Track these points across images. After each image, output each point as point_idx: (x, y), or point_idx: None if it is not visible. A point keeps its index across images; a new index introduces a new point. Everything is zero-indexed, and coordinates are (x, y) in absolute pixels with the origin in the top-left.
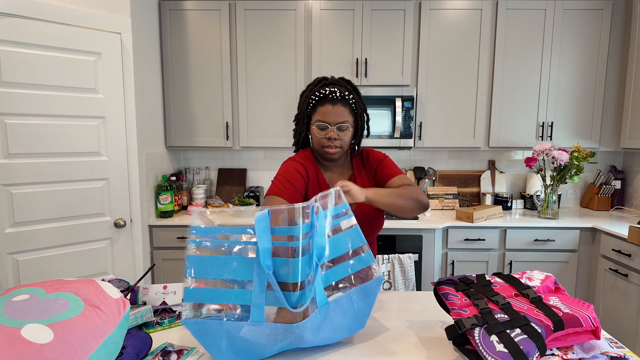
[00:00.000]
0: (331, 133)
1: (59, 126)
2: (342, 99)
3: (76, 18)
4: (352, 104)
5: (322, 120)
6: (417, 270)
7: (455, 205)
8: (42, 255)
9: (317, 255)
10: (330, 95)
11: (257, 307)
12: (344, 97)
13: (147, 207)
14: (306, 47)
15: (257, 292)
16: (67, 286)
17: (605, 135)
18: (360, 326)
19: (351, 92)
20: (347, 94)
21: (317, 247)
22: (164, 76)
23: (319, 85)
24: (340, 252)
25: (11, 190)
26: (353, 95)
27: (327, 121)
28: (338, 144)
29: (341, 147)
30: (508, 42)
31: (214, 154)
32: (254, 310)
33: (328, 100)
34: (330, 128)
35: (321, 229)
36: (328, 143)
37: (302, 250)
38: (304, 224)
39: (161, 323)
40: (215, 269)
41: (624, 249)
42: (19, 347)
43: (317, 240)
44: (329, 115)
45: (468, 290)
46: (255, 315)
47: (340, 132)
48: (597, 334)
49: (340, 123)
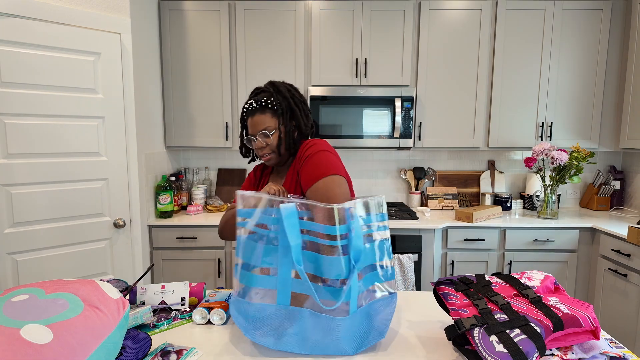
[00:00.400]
0: (256, 143)
1: (58, 126)
2: (260, 107)
3: (76, 18)
4: (272, 107)
5: (249, 133)
6: (416, 270)
7: (455, 206)
8: (42, 256)
9: (354, 257)
10: (249, 107)
11: (282, 292)
12: (261, 104)
13: (147, 207)
14: (306, 48)
15: (282, 279)
16: (66, 286)
17: (604, 135)
18: (380, 336)
19: (272, 95)
20: (265, 98)
21: (355, 249)
22: (164, 76)
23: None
24: (373, 262)
25: (10, 190)
26: (274, 96)
27: (252, 133)
28: (267, 150)
29: (273, 152)
30: (507, 42)
31: (214, 154)
32: (280, 295)
33: (249, 113)
34: (254, 139)
35: (357, 231)
36: (260, 153)
37: (341, 249)
38: (340, 224)
39: (158, 325)
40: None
41: (623, 249)
42: (18, 347)
43: (354, 243)
44: (251, 127)
45: (467, 290)
46: (280, 299)
47: (266, 139)
48: (596, 334)
49: (262, 131)
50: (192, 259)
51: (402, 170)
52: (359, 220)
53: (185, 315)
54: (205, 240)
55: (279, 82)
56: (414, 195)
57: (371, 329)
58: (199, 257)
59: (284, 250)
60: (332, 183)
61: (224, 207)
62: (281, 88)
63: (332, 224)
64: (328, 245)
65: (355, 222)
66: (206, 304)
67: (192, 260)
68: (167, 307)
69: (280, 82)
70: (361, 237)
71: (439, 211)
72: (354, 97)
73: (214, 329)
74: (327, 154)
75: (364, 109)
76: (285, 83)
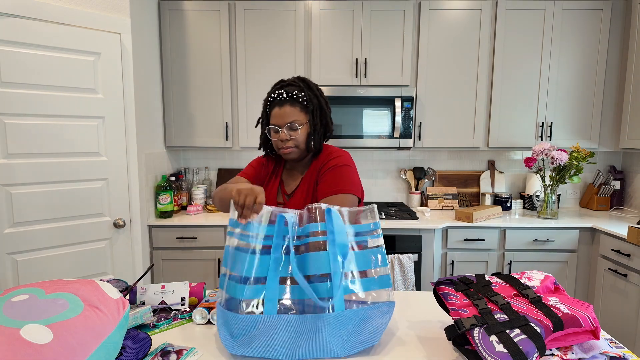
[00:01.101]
0: (282, 134)
1: (58, 126)
2: (291, 99)
3: (75, 18)
4: (302, 101)
5: (273, 123)
6: (416, 270)
7: (455, 206)
8: (42, 256)
9: (341, 253)
10: (278, 97)
11: (270, 301)
12: (292, 96)
13: (147, 207)
14: (306, 48)
15: (270, 287)
16: (66, 286)
17: (604, 135)
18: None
19: (302, 90)
20: (297, 92)
21: (340, 245)
22: (164, 76)
23: (272, 90)
24: (365, 268)
25: (10, 190)
26: (305, 92)
27: (277, 123)
28: (292, 144)
29: (296, 147)
30: (507, 42)
31: (214, 154)
32: (267, 304)
33: (276, 103)
34: (281, 130)
35: (339, 228)
36: (282, 145)
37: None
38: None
39: (158, 325)
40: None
41: (623, 249)
42: (18, 347)
43: (337, 237)
44: (278, 117)
45: (467, 290)
46: (268, 309)
47: (292, 132)
48: (596, 334)
49: (290, 123)
50: (192, 259)
51: (402, 170)
52: (340, 217)
53: (185, 315)
54: (205, 240)
55: (307, 79)
56: (414, 195)
57: (362, 332)
58: (199, 257)
59: (273, 259)
60: (346, 201)
61: None
62: (311, 85)
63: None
64: (313, 242)
65: (336, 219)
66: (206, 304)
67: (192, 260)
68: (167, 307)
69: (309, 79)
70: (344, 233)
71: (439, 211)
72: (354, 97)
73: (213, 329)
74: (351, 169)
75: (364, 109)
76: (312, 81)
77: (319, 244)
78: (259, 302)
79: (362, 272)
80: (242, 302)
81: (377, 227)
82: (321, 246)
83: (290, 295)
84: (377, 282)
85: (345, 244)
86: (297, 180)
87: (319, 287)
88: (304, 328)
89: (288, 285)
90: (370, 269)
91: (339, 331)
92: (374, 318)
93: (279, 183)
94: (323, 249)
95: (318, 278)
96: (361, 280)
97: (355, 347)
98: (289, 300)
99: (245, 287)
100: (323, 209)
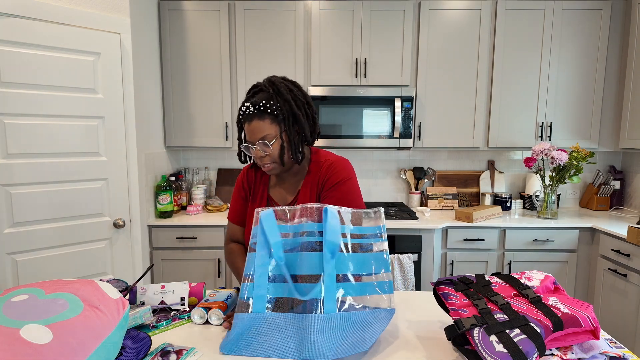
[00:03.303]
0: (255, 152)
1: (58, 126)
2: (259, 112)
3: (75, 18)
4: (271, 112)
5: (247, 140)
6: (416, 270)
7: (455, 206)
8: (41, 256)
9: (329, 251)
10: (246, 111)
11: (258, 299)
12: (259, 108)
13: (147, 207)
14: (306, 48)
15: (258, 284)
16: (66, 286)
17: (604, 135)
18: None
19: (271, 98)
20: (264, 102)
21: (329, 244)
22: (163, 76)
23: (245, 98)
24: (363, 272)
25: (10, 190)
26: (274, 99)
27: (250, 140)
28: (267, 160)
29: (274, 162)
30: (507, 42)
31: (214, 154)
32: (255, 301)
33: (246, 119)
34: (253, 147)
35: (332, 227)
36: (260, 162)
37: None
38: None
39: (157, 326)
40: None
41: (623, 249)
42: (18, 347)
43: (328, 238)
44: (249, 133)
45: (467, 290)
46: (256, 306)
47: (266, 148)
48: (596, 334)
49: (261, 139)
50: (191, 259)
51: (402, 170)
52: (336, 217)
53: (185, 315)
54: (205, 240)
55: (278, 80)
56: (414, 195)
57: (353, 336)
58: (199, 257)
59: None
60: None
61: (223, 207)
62: (281, 88)
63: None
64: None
65: (332, 219)
66: (205, 303)
67: (192, 260)
68: (166, 307)
69: (280, 80)
70: (338, 233)
71: (439, 211)
72: (354, 97)
73: (213, 329)
74: (354, 182)
75: (363, 109)
76: (286, 81)
77: (313, 244)
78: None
79: (362, 275)
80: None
81: (382, 231)
82: (315, 247)
83: (280, 294)
84: (378, 287)
85: (336, 243)
86: (291, 192)
87: (310, 288)
88: (293, 327)
89: (279, 283)
90: (371, 274)
91: (328, 333)
92: (370, 323)
93: (267, 197)
94: (318, 249)
95: (309, 278)
96: (359, 284)
97: (345, 351)
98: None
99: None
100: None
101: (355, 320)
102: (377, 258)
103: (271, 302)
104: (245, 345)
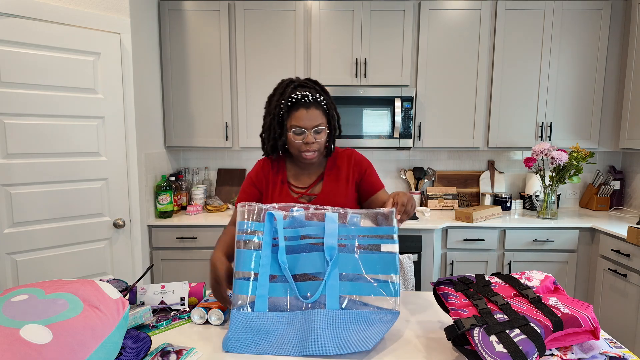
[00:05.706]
0: (309, 137)
1: (58, 126)
2: (315, 102)
3: (75, 18)
4: (324, 105)
5: (298, 125)
6: (416, 270)
7: (455, 206)
8: (41, 256)
9: (328, 255)
10: (303, 99)
11: (260, 298)
12: (316, 99)
13: (147, 207)
14: (305, 48)
15: (261, 283)
16: (66, 286)
17: (604, 135)
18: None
19: (321, 94)
20: (318, 96)
21: (328, 247)
22: (163, 76)
23: (289, 89)
24: (370, 272)
25: (10, 190)
26: (324, 96)
27: (304, 126)
28: (315, 147)
29: (318, 150)
30: (507, 42)
31: (214, 154)
32: (257, 301)
33: (302, 105)
34: (307, 133)
35: (331, 231)
36: (306, 148)
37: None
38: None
39: (157, 326)
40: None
41: (622, 249)
42: (18, 347)
43: (327, 241)
44: (305, 119)
45: (467, 290)
46: (258, 306)
47: (317, 135)
48: (596, 334)
49: (316, 126)
50: (191, 259)
51: (402, 170)
52: (335, 221)
53: (185, 315)
54: (205, 240)
55: (318, 82)
56: (414, 195)
57: (357, 334)
58: (199, 257)
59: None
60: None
61: (223, 207)
62: (324, 88)
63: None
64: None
65: (331, 223)
66: (205, 303)
67: (192, 260)
68: (166, 307)
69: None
70: (335, 237)
71: (439, 211)
72: (354, 97)
73: (213, 329)
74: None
75: (363, 109)
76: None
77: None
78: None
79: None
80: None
81: (394, 233)
82: (315, 248)
83: (283, 292)
84: (384, 288)
85: (334, 247)
86: (313, 180)
87: (310, 286)
88: (295, 324)
89: (282, 282)
90: (377, 274)
91: (332, 327)
92: (374, 322)
93: (288, 185)
94: (320, 249)
95: (311, 276)
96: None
97: (349, 347)
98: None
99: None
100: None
101: (359, 318)
102: (386, 259)
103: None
104: (248, 343)
